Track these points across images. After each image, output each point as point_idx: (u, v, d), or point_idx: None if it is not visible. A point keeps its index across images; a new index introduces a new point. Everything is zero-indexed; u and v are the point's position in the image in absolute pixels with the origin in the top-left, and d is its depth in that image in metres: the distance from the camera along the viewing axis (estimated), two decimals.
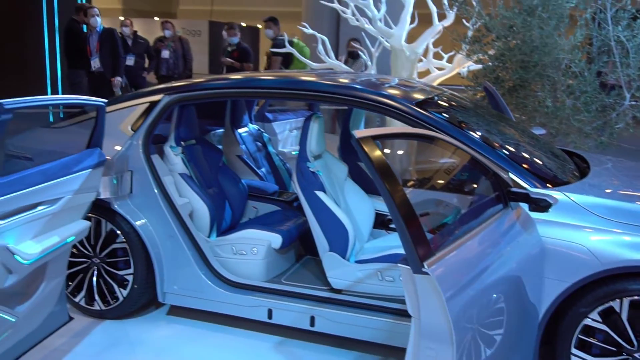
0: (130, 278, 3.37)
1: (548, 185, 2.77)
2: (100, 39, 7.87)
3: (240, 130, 4.64)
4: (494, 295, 2.28)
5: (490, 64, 5.53)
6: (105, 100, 3.06)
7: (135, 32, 9.30)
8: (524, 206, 2.61)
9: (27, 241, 2.55)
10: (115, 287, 3.40)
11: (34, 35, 10.78)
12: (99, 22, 7.90)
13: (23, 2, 10.91)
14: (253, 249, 3.43)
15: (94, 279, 3.44)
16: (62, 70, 10.66)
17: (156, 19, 15.55)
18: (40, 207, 2.63)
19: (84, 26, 8.81)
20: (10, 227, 2.45)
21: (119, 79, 7.94)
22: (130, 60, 9.01)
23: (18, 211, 2.50)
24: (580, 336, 2.54)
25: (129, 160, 3.34)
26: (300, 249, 3.88)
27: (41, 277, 2.77)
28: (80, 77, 8.44)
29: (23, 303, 2.67)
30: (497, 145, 2.94)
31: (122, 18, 10.20)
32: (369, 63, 6.72)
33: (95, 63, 7.90)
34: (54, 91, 11.00)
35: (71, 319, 3.08)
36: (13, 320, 2.58)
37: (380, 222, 3.85)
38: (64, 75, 10.20)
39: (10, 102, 2.32)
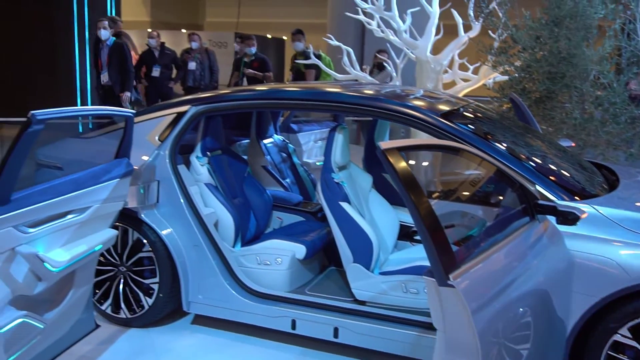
0: (155, 287, 3.40)
1: (576, 197, 2.73)
2: (110, 53, 7.75)
3: (266, 141, 4.68)
4: (521, 309, 2.25)
5: (516, 75, 5.50)
6: (134, 111, 3.11)
7: (162, 43, 9.44)
8: (552, 219, 2.58)
9: (57, 249, 2.60)
10: (141, 295, 3.44)
11: (65, 47, 11.03)
12: (107, 35, 7.65)
13: (55, 15, 11.18)
14: (277, 259, 3.44)
15: (121, 287, 3.48)
16: (91, 82, 10.87)
17: (183, 31, 15.79)
18: (69, 216, 2.68)
19: (112, 38, 8.97)
20: (40, 235, 2.50)
21: (127, 94, 7.74)
22: (156, 72, 9.14)
23: (48, 219, 2.56)
24: (609, 352, 2.48)
25: (156, 170, 3.38)
26: (324, 260, 3.88)
27: (69, 285, 2.81)
28: None
29: (51, 310, 2.71)
30: (523, 157, 2.91)
31: (149, 30, 10.37)
32: (394, 74, 6.72)
33: (104, 77, 7.77)
34: (84, 102, 11.22)
35: (98, 326, 3.12)
36: (41, 327, 2.62)
37: (405, 234, 3.84)
38: (93, 86, 10.37)
39: (42, 112, 2.37)
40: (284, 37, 17.32)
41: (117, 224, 3.23)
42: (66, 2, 11.23)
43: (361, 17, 6.53)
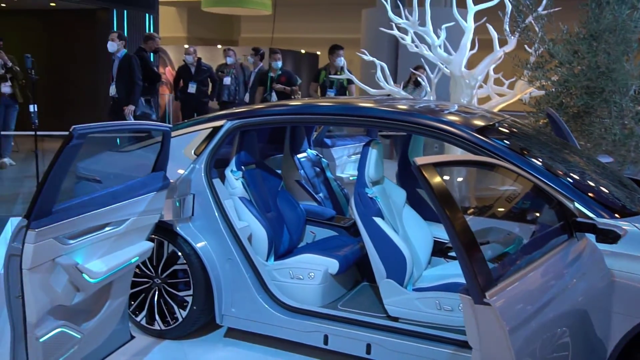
0: (189, 299, 3.43)
1: (616, 215, 2.67)
2: (119, 66, 7.74)
3: (299, 156, 4.70)
4: (559, 330, 2.20)
5: (553, 90, 5.42)
6: (171, 126, 3.17)
7: (199, 59, 9.59)
8: (591, 237, 2.52)
9: (95, 260, 2.65)
10: (175, 307, 3.47)
11: (104, 63, 11.30)
12: (113, 48, 7.65)
13: (96, 32, 11.50)
14: (310, 273, 3.44)
15: (155, 299, 3.52)
16: None
17: (219, 46, 16.04)
18: (107, 228, 2.73)
19: (152, 54, 9.15)
20: (79, 247, 2.56)
21: (131, 107, 7.64)
22: (192, 88, 9.27)
23: (87, 231, 2.61)
24: None
25: (192, 184, 3.43)
26: (357, 275, 3.86)
27: (106, 296, 2.86)
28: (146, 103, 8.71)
29: (88, 320, 2.76)
30: (561, 173, 2.86)
31: (186, 46, 10.56)
32: (428, 89, 6.70)
33: (112, 89, 7.75)
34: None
35: (133, 337, 3.16)
36: (79, 337, 2.67)
37: (439, 250, 3.80)
38: None
39: (82, 127, 2.43)
40: (318, 52, 17.44)
41: (153, 236, 3.27)
42: (106, 19, 11.55)
43: (395, 32, 6.54)
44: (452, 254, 3.78)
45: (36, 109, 6.54)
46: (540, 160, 2.91)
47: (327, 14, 20.30)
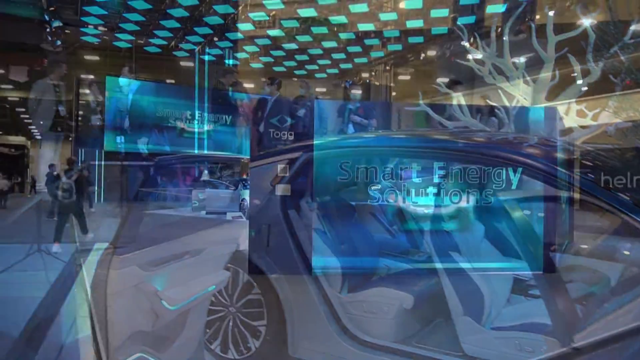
0: (263, 329, 3.44)
1: None
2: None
3: (373, 188, 4.67)
4: None
5: None
6: (248, 157, 3.24)
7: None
8: None
9: (174, 288, 2.72)
10: (249, 337, 3.49)
11: (185, 97, 11.79)
12: (126, 82, 8.00)
13: (178, 64, 12.10)
14: (384, 307, 3.38)
15: (230, 327, 3.56)
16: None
17: (294, 79, 16.35)
18: (186, 257, 2.80)
19: (230, 88, 9.44)
20: (160, 274, 2.63)
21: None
22: None
23: (167, 259, 2.69)
24: None
25: (267, 214, 3.47)
26: (432, 311, 3.75)
27: (183, 323, 2.92)
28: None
29: (167, 347, 2.82)
30: None
31: (263, 80, 10.82)
32: (506, 121, 6.53)
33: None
34: (200, 147, 11.83)
35: None
36: None
37: (518, 287, 3.64)
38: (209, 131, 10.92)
39: (165, 158, 2.53)
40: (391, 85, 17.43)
41: (229, 265, 3.33)
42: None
43: (472, 63, 6.45)
44: (533, 291, 3.62)
45: (122, 141, 6.87)
46: (628, 194, 2.76)
47: None
